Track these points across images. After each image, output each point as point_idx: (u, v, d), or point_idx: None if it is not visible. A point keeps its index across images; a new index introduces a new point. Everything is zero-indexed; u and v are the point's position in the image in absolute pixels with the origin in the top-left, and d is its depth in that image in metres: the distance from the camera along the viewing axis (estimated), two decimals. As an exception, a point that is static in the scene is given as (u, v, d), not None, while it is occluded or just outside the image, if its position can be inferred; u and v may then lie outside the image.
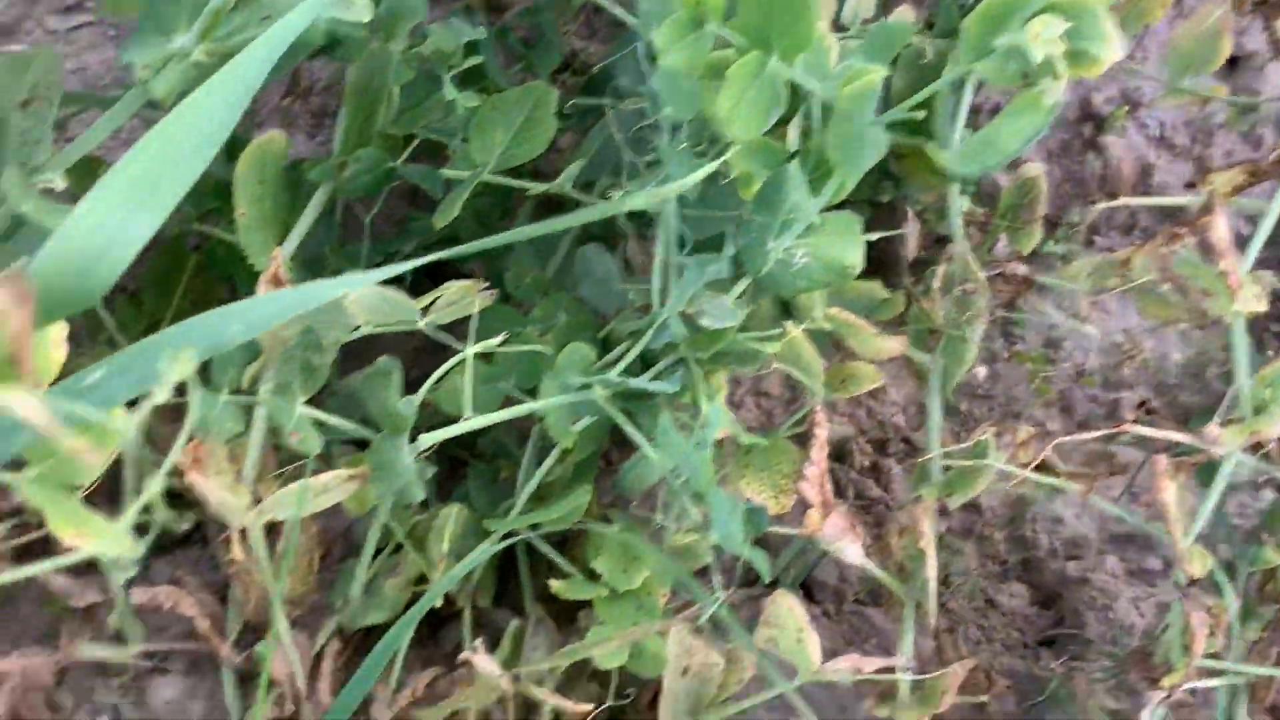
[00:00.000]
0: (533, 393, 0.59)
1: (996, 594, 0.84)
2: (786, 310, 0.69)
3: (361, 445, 0.57)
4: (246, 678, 0.61)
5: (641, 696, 0.63)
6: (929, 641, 0.73)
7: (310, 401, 0.53)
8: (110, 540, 0.43)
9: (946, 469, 0.70)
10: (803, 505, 0.64)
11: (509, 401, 0.59)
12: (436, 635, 0.66)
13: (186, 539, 0.68)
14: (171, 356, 0.31)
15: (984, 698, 0.68)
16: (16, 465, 0.43)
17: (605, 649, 0.54)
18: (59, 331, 0.43)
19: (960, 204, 0.72)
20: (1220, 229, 0.60)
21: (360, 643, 0.64)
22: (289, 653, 0.58)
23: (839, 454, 0.87)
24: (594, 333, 0.64)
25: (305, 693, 0.58)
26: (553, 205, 0.73)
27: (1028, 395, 0.95)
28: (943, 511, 0.89)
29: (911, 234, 0.80)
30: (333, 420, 0.52)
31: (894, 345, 0.59)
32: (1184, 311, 0.65)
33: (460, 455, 0.68)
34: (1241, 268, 0.61)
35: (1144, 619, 0.80)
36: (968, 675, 0.65)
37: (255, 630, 0.62)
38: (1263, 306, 0.62)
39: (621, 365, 0.56)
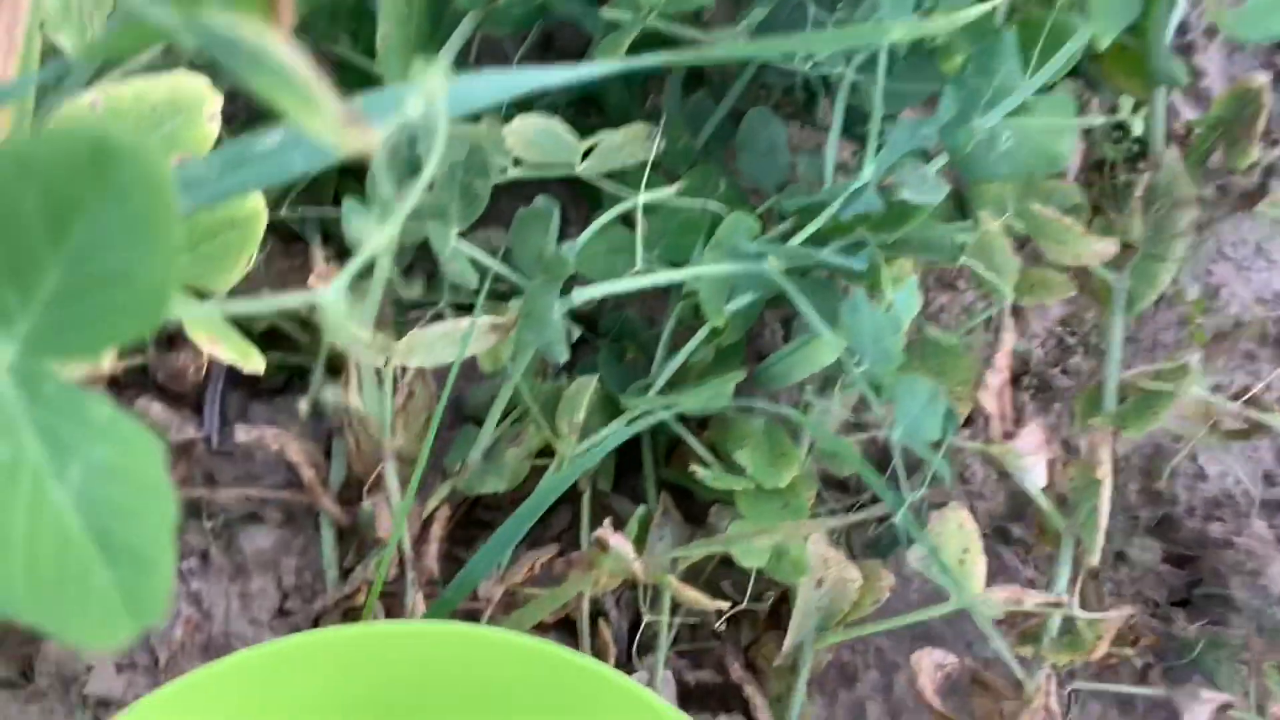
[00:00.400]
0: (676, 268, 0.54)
1: (1127, 547, 0.78)
2: (961, 205, 0.63)
3: (467, 309, 0.52)
4: (345, 535, 0.57)
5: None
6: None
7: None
8: (243, 351, 0.38)
9: (1121, 399, 0.63)
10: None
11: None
12: (545, 516, 0.61)
13: (285, 386, 0.64)
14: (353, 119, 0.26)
15: (1129, 651, 0.63)
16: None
17: (749, 546, 0.49)
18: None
19: (1163, 109, 0.65)
20: None
21: (467, 513, 0.59)
22: (395, 510, 0.53)
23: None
24: (751, 209, 0.58)
25: (412, 557, 0.53)
26: (700, 77, 0.67)
27: (1175, 342, 0.88)
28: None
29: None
30: (483, 256, 0.47)
31: (1106, 248, 0.53)
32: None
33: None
34: None
35: (1294, 588, 0.74)
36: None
37: (359, 487, 0.57)
38: None
39: (796, 239, 0.50)
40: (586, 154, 0.51)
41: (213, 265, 0.37)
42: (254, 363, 0.39)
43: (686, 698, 0.58)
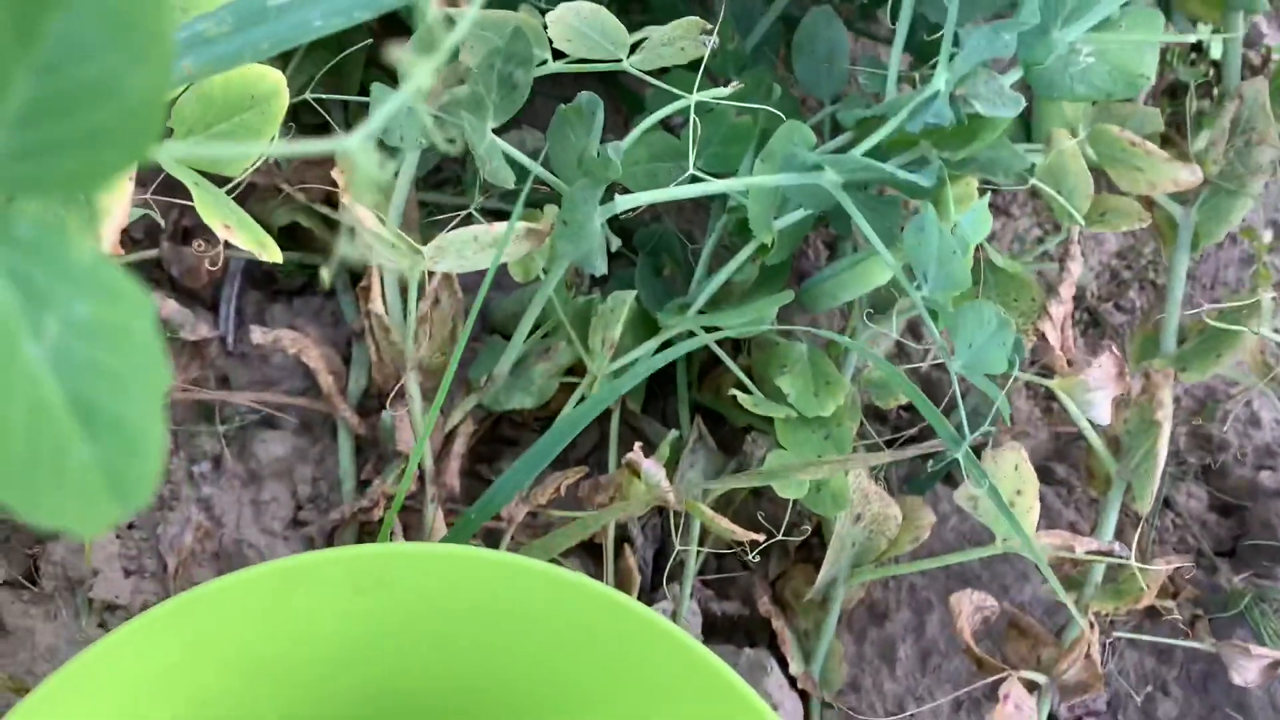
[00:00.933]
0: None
1: (1174, 492, 0.75)
2: (1026, 128, 0.59)
3: (501, 216, 0.49)
4: (364, 446, 0.55)
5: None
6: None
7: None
8: (259, 239, 0.35)
9: (1180, 340, 0.60)
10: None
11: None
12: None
13: (305, 288, 0.61)
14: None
15: (1171, 602, 0.60)
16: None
17: (790, 478, 0.46)
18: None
19: (1241, 31, 0.60)
20: None
21: (491, 429, 0.57)
22: (419, 425, 0.50)
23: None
24: (804, 120, 0.54)
25: (433, 472, 0.51)
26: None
27: (1236, 281, 0.84)
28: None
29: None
30: (519, 156, 0.43)
31: (1189, 176, 0.49)
32: None
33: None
34: None
35: (1345, 544, 0.71)
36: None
37: (378, 398, 0.55)
38: None
39: (856, 150, 0.46)
40: (633, 50, 0.47)
41: (228, 147, 0.34)
42: (272, 253, 0.36)
43: (712, 629, 0.56)
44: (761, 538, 0.48)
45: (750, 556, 0.53)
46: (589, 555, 0.55)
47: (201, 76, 0.31)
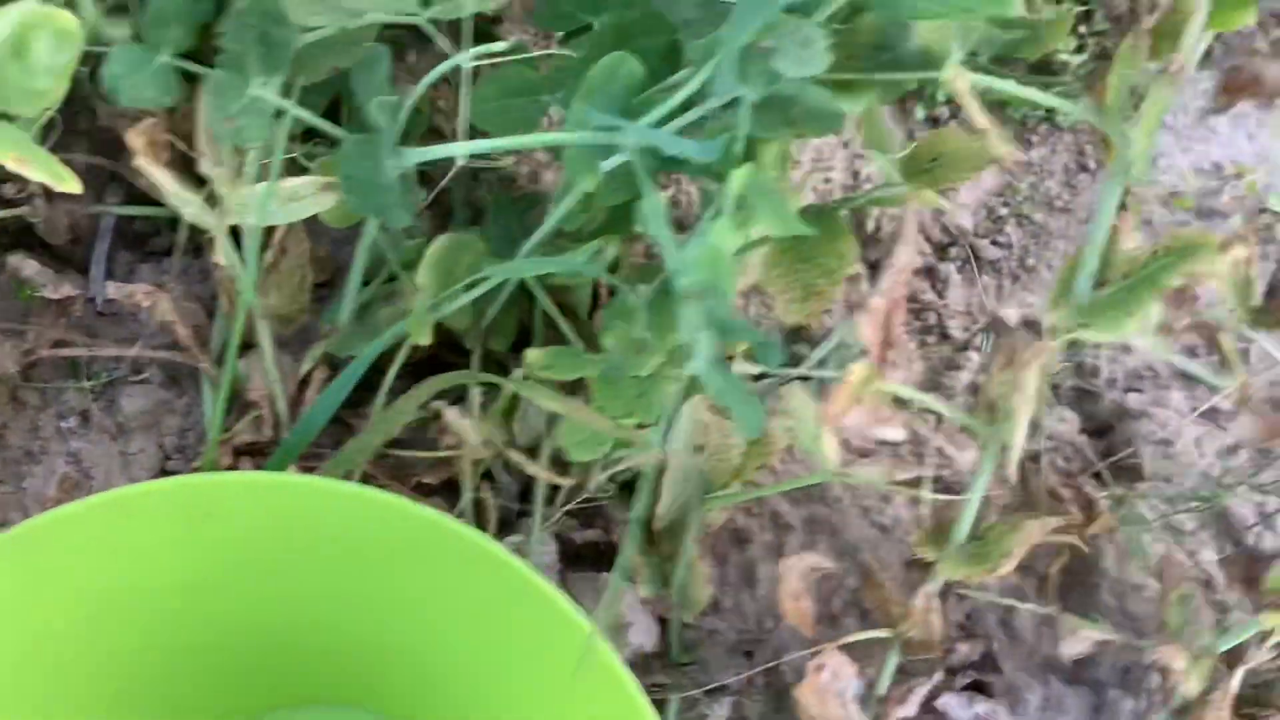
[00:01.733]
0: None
1: (1044, 417, 0.78)
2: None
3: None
4: (229, 396, 0.56)
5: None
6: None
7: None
8: (54, 172, 0.37)
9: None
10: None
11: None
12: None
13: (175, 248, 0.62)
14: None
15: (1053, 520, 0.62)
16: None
17: (580, 440, 0.48)
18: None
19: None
20: None
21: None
22: (270, 372, 0.52)
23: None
24: (666, 47, 0.53)
25: (288, 417, 0.53)
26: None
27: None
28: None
29: None
30: (299, 110, 0.44)
31: (1001, 150, 0.47)
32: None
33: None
34: None
35: (1205, 459, 0.74)
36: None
37: (242, 349, 0.56)
38: None
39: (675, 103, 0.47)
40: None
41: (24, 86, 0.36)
42: (70, 185, 0.37)
43: (577, 557, 0.59)
44: (566, 481, 0.50)
45: (598, 489, 0.56)
46: (451, 492, 0.57)
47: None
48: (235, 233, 0.51)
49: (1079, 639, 0.53)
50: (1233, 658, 0.54)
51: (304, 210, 0.45)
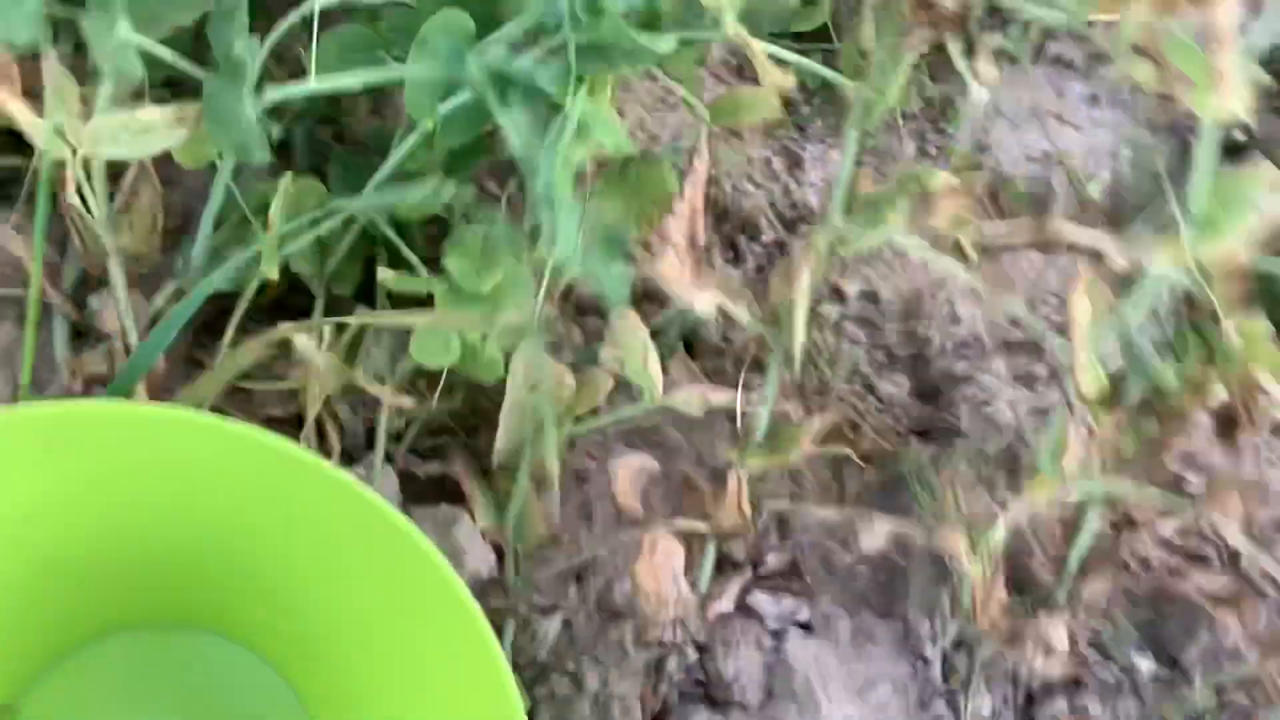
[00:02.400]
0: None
1: (879, 381, 0.83)
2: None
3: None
4: (80, 333, 0.59)
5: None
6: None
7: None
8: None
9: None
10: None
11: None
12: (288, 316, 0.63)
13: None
14: None
15: (848, 450, 0.68)
16: None
17: (428, 345, 0.52)
18: None
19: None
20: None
21: (206, 313, 0.61)
22: (120, 305, 0.55)
23: (745, 225, 0.85)
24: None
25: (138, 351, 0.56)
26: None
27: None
28: (839, 297, 0.88)
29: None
30: (162, 51, 0.47)
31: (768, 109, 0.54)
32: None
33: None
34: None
35: (1017, 420, 0.80)
36: (833, 429, 0.64)
37: (95, 286, 0.59)
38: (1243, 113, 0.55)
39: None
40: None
41: None
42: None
43: (419, 492, 0.62)
44: (410, 402, 0.54)
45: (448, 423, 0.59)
46: (300, 428, 0.60)
47: None
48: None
49: (875, 534, 0.59)
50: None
51: (157, 143, 0.47)
